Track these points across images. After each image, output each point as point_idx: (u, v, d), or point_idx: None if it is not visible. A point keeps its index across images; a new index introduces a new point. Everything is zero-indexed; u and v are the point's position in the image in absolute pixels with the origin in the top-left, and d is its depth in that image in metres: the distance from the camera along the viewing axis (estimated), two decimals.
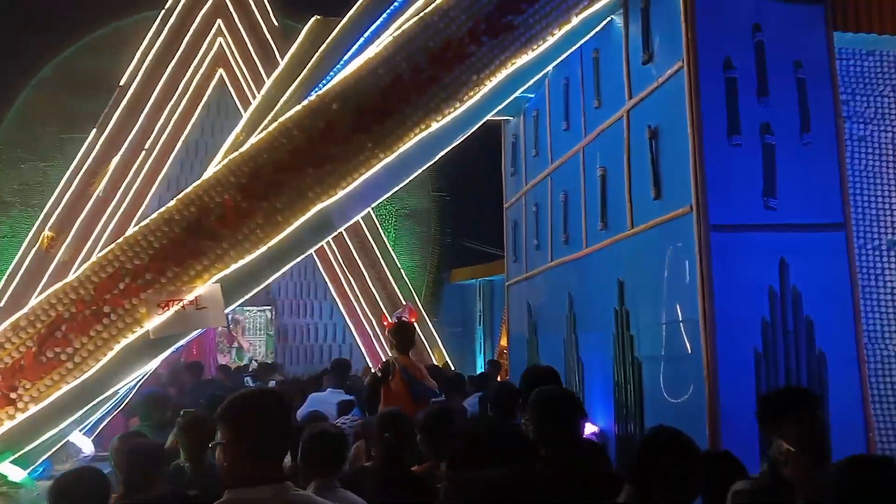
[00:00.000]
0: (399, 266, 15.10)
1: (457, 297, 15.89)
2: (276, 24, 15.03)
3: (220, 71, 15.02)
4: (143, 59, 14.35)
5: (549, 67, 6.40)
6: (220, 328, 15.78)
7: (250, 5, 14.93)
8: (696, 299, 4.67)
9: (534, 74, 5.84)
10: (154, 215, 4.87)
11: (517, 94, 6.01)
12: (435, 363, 12.35)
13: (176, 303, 4.68)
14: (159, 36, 14.38)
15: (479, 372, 12.81)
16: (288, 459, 3.23)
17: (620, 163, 5.88)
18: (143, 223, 4.85)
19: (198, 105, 14.88)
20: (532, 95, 7.91)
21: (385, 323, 6.50)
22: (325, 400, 6.48)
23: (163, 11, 14.49)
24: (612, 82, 6.11)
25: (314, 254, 15.18)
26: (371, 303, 14.86)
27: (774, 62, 4.96)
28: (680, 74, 5.01)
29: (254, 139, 5.06)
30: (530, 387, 3.42)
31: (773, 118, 4.90)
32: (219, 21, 14.82)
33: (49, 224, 13.32)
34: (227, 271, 4.81)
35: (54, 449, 5.79)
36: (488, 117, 5.81)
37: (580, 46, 6.18)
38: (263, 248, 4.86)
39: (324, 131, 5.01)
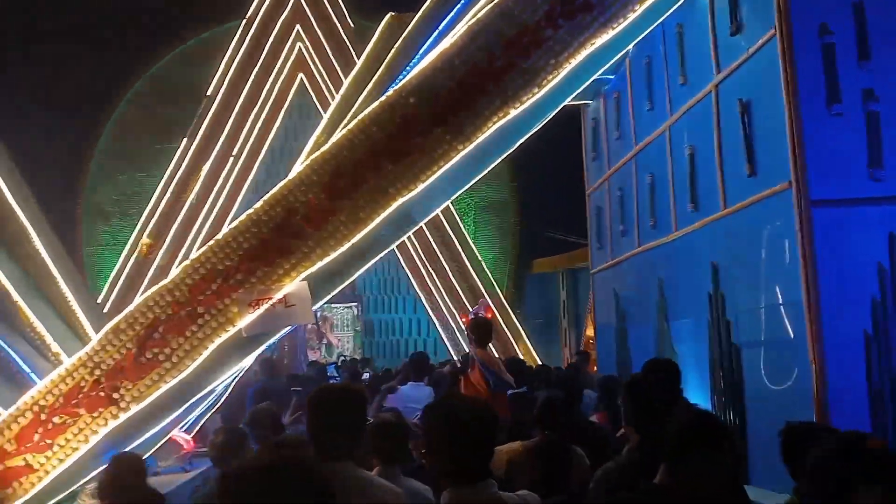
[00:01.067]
0: (480, 259, 15.06)
1: (539, 288, 15.67)
2: (352, 25, 15.19)
3: (301, 75, 15.32)
4: (228, 69, 14.80)
5: (630, 47, 6.15)
6: (308, 325, 16.15)
7: (327, 9, 15.15)
8: (797, 280, 4.37)
9: (613, 55, 5.60)
10: (242, 217, 4.94)
11: (596, 76, 5.79)
12: (520, 356, 12.20)
13: (266, 301, 4.73)
14: (241, 45, 14.80)
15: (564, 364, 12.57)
16: None
17: (710, 140, 5.59)
18: (232, 225, 4.92)
19: (281, 110, 15.24)
20: (612, 77, 7.64)
21: (463, 320, 6.47)
22: (407, 394, 6.47)
23: (244, 21, 14.89)
24: (697, 57, 5.81)
25: (396, 249, 15.32)
26: (453, 296, 14.89)
27: (875, 23, 4.58)
28: (772, 44, 4.70)
29: (334, 138, 5.06)
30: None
31: (877, 83, 4.53)
32: (297, 27, 15.11)
33: (147, 231, 13.94)
34: (313, 269, 4.82)
35: (157, 446, 5.99)
36: (567, 102, 5.61)
37: (662, 22, 5.91)
38: (347, 245, 4.85)
39: (401, 126, 4.95)
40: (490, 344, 5.90)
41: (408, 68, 5.77)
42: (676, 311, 6.37)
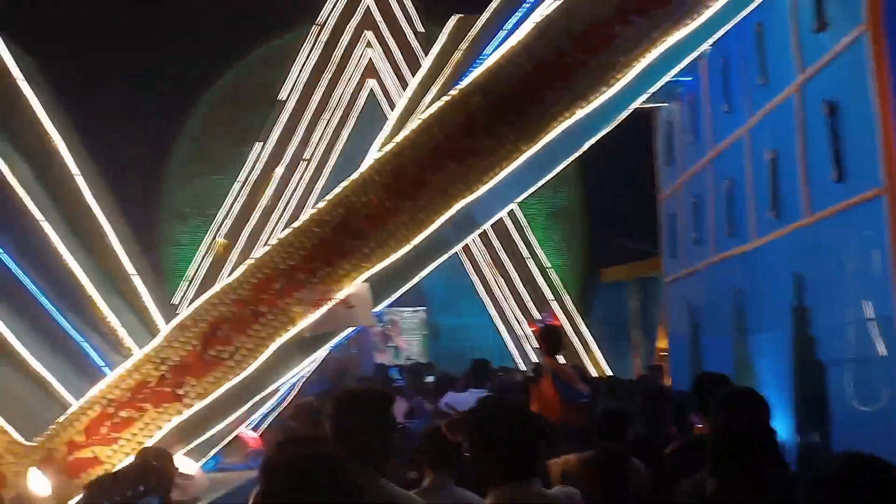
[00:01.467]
0: (547, 266, 14.77)
1: (609, 298, 15.27)
2: (422, 31, 15.23)
3: (371, 81, 15.45)
4: (299, 74, 15.07)
5: (705, 46, 5.90)
6: (376, 328, 16.23)
7: (396, 15, 15.24)
8: (889, 294, 4.05)
9: (687, 54, 5.36)
10: (306, 217, 4.95)
11: (669, 77, 5.56)
12: (588, 367, 11.91)
13: (327, 302, 4.72)
14: (313, 50, 15.06)
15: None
16: None
17: (793, 143, 5.29)
18: (295, 225, 4.94)
19: (350, 115, 15.39)
20: (688, 79, 7.36)
21: (532, 328, 6.35)
22: (464, 400, 6.35)
23: (315, 27, 15.13)
24: (778, 56, 5.51)
25: (462, 254, 15.23)
26: (520, 303, 14.65)
27: None
28: (861, 40, 4.40)
29: (398, 138, 5.02)
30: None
31: None
32: (367, 33, 15.26)
33: (222, 232, 14.31)
34: (374, 270, 4.78)
35: (224, 443, 6.06)
36: (639, 103, 5.40)
37: (740, 21, 5.63)
38: (408, 247, 4.79)
39: (464, 125, 4.86)
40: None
41: (473, 68, 5.69)
42: (755, 325, 6.05)
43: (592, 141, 5.21)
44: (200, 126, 16.27)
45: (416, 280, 5.37)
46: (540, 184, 5.30)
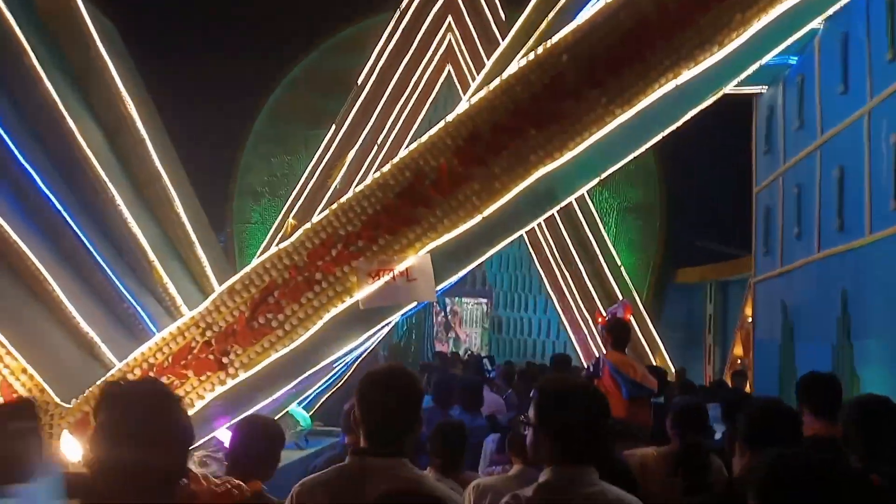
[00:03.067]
0: (619, 263, 13.99)
1: (683, 300, 14.33)
2: (503, 18, 14.62)
3: (449, 66, 14.93)
4: (378, 59, 14.68)
5: (819, 21, 5.11)
6: (438, 317, 15.77)
7: (479, 1, 14.66)
8: None
9: (811, 17, 4.61)
10: (369, 180, 4.44)
11: (783, 45, 4.79)
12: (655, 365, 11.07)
13: (386, 273, 4.19)
14: (394, 35, 14.63)
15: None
16: None
17: None
18: (358, 188, 4.43)
19: (427, 101, 14.92)
20: (794, 61, 6.53)
21: (599, 319, 5.76)
22: None
23: (398, 12, 14.72)
24: None
25: (529, 245, 14.58)
26: (587, 299, 13.91)
27: None
28: None
29: (474, 99, 4.44)
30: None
31: None
32: (449, 18, 14.73)
33: (293, 213, 14.08)
34: (439, 241, 4.23)
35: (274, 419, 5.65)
36: (738, 89, 4.66)
37: None
38: (478, 218, 4.21)
39: (550, 86, 4.24)
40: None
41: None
42: (863, 329, 5.23)
43: (696, 109, 4.51)
44: (279, 108, 16.13)
45: (483, 258, 4.78)
46: (631, 156, 4.63)
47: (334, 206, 4.42)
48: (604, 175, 4.78)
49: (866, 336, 5.09)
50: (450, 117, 4.41)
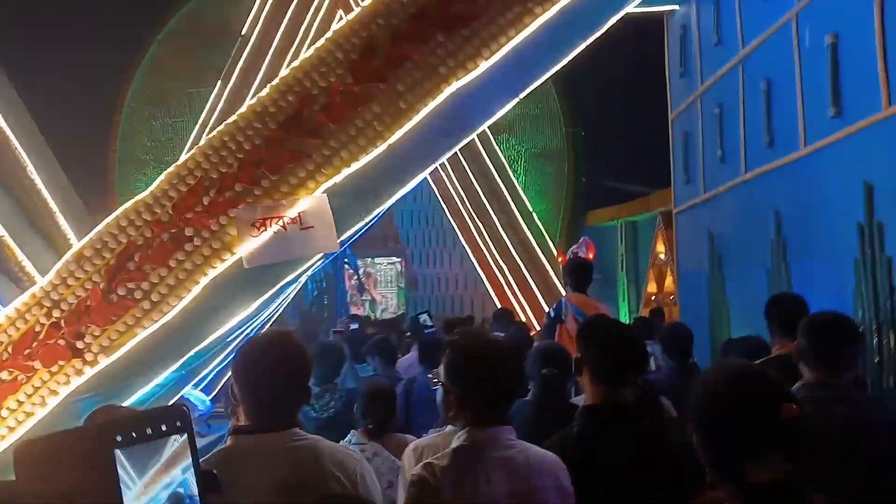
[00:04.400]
0: (531, 210, 13.59)
1: (595, 242, 14.09)
2: None
3: (340, 12, 13.82)
4: (263, 5, 13.40)
5: None
6: (351, 280, 14.96)
7: None
8: None
9: None
10: (243, 109, 3.59)
11: None
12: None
13: (274, 221, 3.38)
14: None
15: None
16: None
17: (862, 24, 4.00)
18: (229, 120, 3.57)
19: None
20: None
21: (560, 259, 5.23)
22: None
23: None
24: None
25: (440, 198, 13.94)
26: (502, 250, 13.50)
27: None
28: None
29: (365, 1, 3.64)
30: None
31: None
32: None
33: None
34: (336, 179, 3.45)
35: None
36: (648, 8, 4.06)
37: None
38: (383, 147, 3.45)
39: None
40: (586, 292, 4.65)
41: None
42: (803, 250, 4.85)
43: (620, 12, 3.88)
44: (157, 65, 14.57)
45: (393, 198, 4.02)
46: (551, 71, 3.96)
47: (202, 142, 3.55)
48: (523, 94, 4.10)
49: (805, 257, 4.71)
50: (338, 25, 3.59)
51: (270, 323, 7.42)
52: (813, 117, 4.64)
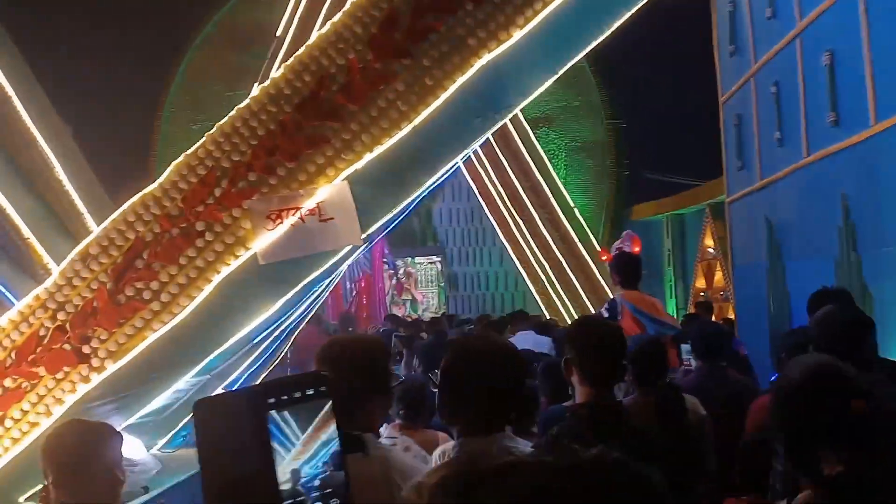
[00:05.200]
0: (572, 205, 13.12)
1: (640, 236, 13.50)
2: None
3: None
4: (297, 7, 13.25)
5: None
6: (392, 280, 14.70)
7: None
8: None
9: None
10: (255, 91, 3.29)
11: None
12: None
13: (291, 213, 3.07)
14: None
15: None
16: None
17: None
18: (241, 104, 3.27)
19: None
20: None
21: (604, 257, 4.82)
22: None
23: None
24: None
25: (479, 195, 13.57)
26: (543, 246, 13.08)
27: None
28: None
29: None
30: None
31: None
32: None
33: None
34: (358, 165, 3.11)
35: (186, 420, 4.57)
36: None
37: None
38: (408, 129, 3.11)
39: None
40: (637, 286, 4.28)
41: None
42: (875, 238, 4.35)
43: None
44: (194, 70, 14.54)
45: (420, 189, 3.67)
46: (596, 41, 3.56)
47: (212, 131, 3.25)
48: (561, 70, 3.70)
49: (877, 245, 4.20)
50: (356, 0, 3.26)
51: (304, 325, 7.17)
52: (885, 90, 4.14)
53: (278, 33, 13.26)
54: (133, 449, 3.67)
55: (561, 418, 2.89)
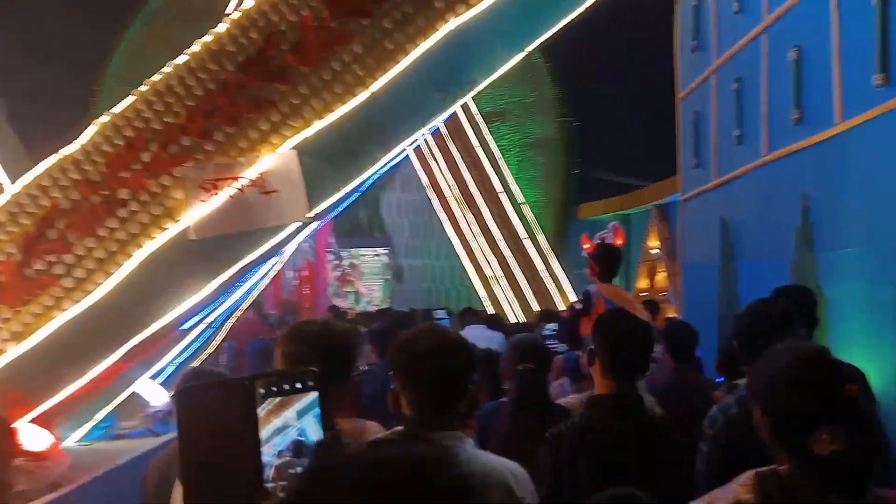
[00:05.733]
0: (522, 202, 12.98)
1: (587, 235, 13.53)
2: None
3: None
4: None
5: None
6: (335, 270, 14.28)
7: None
8: None
9: None
10: (194, 47, 2.92)
11: None
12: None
13: (229, 183, 2.72)
14: None
15: None
16: None
17: None
18: (177, 60, 2.90)
19: None
20: None
21: (585, 246, 4.53)
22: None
23: None
24: None
25: (429, 187, 13.29)
26: (491, 242, 12.91)
27: None
28: None
29: None
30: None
31: None
32: None
33: None
34: (307, 133, 2.78)
35: (116, 402, 4.16)
36: None
37: None
38: (364, 95, 2.79)
39: None
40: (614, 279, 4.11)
41: None
42: (832, 239, 4.24)
43: None
44: (138, 46, 13.76)
45: (375, 167, 3.36)
46: (555, 27, 3.32)
47: (143, 87, 2.87)
48: (528, 48, 3.44)
49: (835, 246, 4.09)
50: None
51: (241, 312, 6.74)
52: (853, 88, 4.03)
53: (228, 9, 12.68)
54: (41, 441, 3.29)
55: (496, 413, 2.77)
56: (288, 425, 0.87)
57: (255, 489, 0.82)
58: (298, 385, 0.87)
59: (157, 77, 2.87)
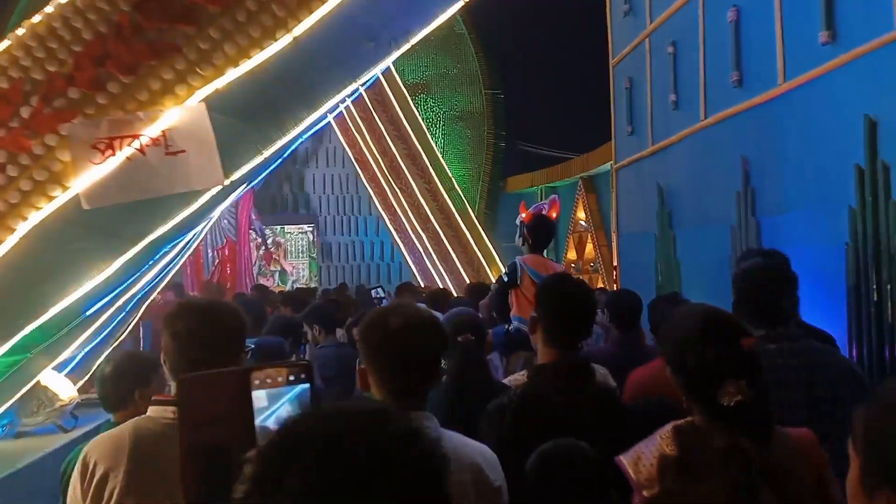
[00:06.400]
0: (450, 175, 12.71)
1: (515, 208, 13.38)
2: None
3: None
4: None
5: None
6: (259, 249, 13.65)
7: None
8: None
9: None
10: None
11: None
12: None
13: (127, 142, 2.28)
14: None
15: None
16: None
17: None
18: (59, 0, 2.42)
19: None
20: None
21: (522, 216, 4.29)
22: None
23: None
24: None
25: (355, 162, 12.84)
26: (420, 216, 12.62)
27: None
28: None
29: None
30: None
31: None
32: None
33: None
34: (219, 83, 2.38)
35: (16, 396, 3.68)
36: None
37: None
38: (285, 40, 2.40)
39: None
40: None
41: None
42: (774, 203, 4.16)
43: None
44: (38, 5, 12.60)
45: (298, 129, 2.97)
46: None
47: (20, 31, 2.38)
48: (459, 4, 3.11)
49: (779, 210, 4.01)
50: None
51: (156, 296, 6.20)
52: (794, 48, 3.90)
53: None
54: None
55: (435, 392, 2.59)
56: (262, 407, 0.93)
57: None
58: (291, 378, 0.92)
59: (37, 18, 2.38)
